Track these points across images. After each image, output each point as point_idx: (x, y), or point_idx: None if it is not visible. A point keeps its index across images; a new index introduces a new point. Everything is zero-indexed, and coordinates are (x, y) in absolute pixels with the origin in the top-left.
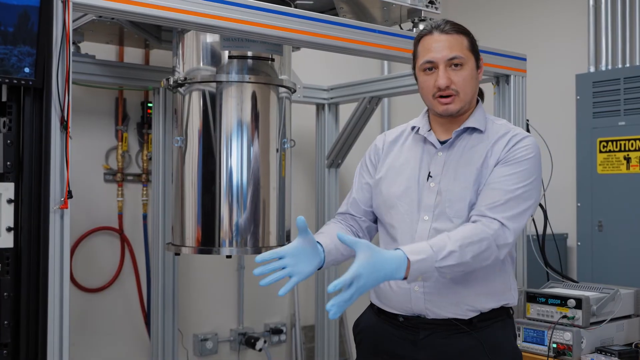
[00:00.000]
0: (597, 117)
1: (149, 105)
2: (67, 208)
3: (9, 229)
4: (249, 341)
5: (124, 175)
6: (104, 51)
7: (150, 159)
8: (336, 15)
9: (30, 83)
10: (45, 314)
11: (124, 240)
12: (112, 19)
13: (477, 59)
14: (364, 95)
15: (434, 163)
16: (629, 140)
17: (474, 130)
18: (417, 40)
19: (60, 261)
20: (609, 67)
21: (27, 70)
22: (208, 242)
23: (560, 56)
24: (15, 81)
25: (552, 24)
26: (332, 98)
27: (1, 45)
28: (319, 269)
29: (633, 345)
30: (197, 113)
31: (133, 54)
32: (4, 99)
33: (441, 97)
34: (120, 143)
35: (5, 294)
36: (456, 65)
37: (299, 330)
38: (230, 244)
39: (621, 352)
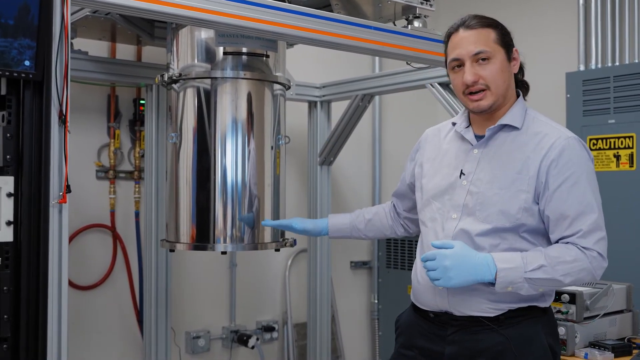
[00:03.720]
0: (587, 115)
1: (141, 102)
2: (65, 202)
3: (8, 223)
4: (242, 339)
5: (116, 173)
6: (96, 48)
7: (142, 156)
8: (331, 11)
9: (31, 76)
10: (45, 309)
11: (116, 237)
12: (107, 14)
13: (509, 50)
14: (356, 92)
15: (468, 160)
16: (618, 138)
17: (510, 127)
18: (446, 39)
19: (59, 256)
20: (599, 65)
21: (27, 63)
22: (203, 238)
23: (551, 55)
24: (15, 74)
25: (542, 23)
26: (324, 95)
27: (1, 37)
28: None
29: (626, 339)
30: (191, 109)
31: (125, 51)
32: (3, 92)
33: (471, 93)
34: (112, 140)
35: (4, 288)
36: (483, 59)
37: (291, 327)
38: (225, 241)
39: (615, 347)
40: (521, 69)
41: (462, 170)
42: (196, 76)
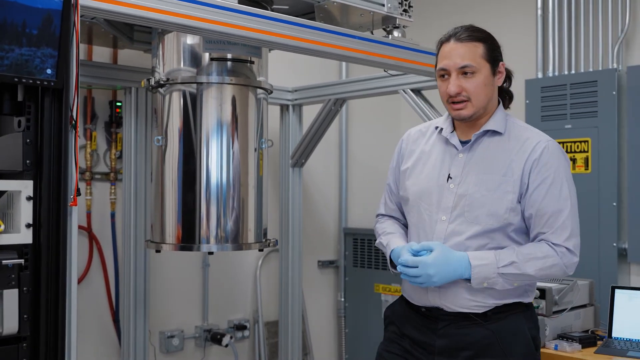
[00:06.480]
0: (545, 121)
1: (117, 104)
2: (76, 205)
3: (28, 225)
4: (215, 337)
5: (92, 174)
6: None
7: (118, 157)
8: (312, 19)
9: (52, 84)
10: (63, 308)
11: (92, 238)
12: (93, 18)
13: (495, 64)
14: (329, 97)
15: (454, 164)
16: (574, 142)
17: (494, 132)
18: (438, 46)
19: (70, 256)
20: (556, 73)
21: (49, 71)
22: (189, 239)
23: (511, 62)
24: (38, 82)
25: (502, 32)
26: (296, 99)
27: (26, 47)
28: None
29: (589, 331)
30: (177, 113)
31: (101, 53)
32: (19, 98)
33: (454, 102)
34: (88, 142)
35: (24, 288)
36: (468, 73)
37: (262, 326)
38: (210, 241)
39: (581, 338)
40: (508, 78)
41: (449, 174)
42: (182, 81)
